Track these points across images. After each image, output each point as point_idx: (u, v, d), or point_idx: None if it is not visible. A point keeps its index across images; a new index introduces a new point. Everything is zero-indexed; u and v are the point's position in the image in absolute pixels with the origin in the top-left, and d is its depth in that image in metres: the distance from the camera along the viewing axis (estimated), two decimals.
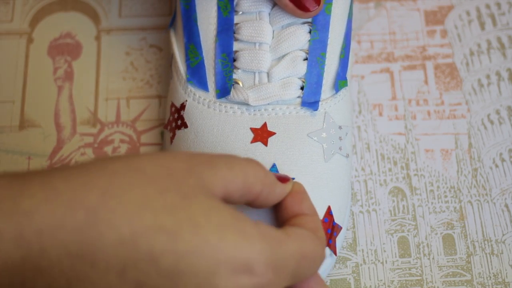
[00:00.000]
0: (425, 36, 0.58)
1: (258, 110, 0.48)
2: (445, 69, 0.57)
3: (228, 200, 0.38)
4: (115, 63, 0.57)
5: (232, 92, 0.48)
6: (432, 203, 0.51)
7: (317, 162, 0.47)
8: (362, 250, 0.50)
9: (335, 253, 0.46)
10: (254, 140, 0.47)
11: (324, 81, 0.48)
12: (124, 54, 0.58)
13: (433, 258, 0.50)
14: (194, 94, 0.49)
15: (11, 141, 0.54)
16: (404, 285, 0.49)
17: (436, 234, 0.50)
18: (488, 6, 0.59)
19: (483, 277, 0.49)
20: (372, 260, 0.50)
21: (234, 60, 0.49)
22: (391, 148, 0.54)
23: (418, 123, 0.54)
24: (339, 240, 0.47)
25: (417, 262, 0.49)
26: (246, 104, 0.48)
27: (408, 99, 0.55)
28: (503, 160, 0.53)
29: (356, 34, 0.58)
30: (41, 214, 0.34)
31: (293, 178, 0.45)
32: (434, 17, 0.59)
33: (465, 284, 0.49)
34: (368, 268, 0.49)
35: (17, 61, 0.57)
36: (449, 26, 0.58)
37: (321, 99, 0.48)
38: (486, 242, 0.50)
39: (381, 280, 0.49)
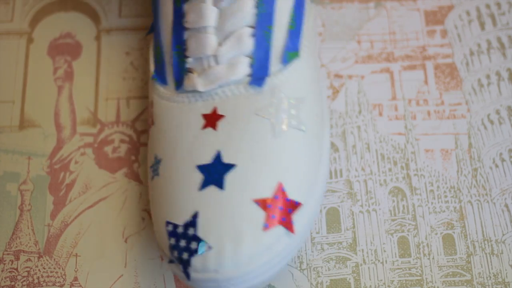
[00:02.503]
0: (425, 36, 0.58)
1: (210, 95, 0.47)
2: (445, 69, 0.57)
3: None
4: (115, 63, 0.57)
5: (185, 81, 0.47)
6: (432, 203, 0.51)
7: (265, 138, 0.45)
8: (362, 250, 0.50)
9: (292, 231, 0.44)
10: (205, 126, 0.46)
11: (272, 55, 0.47)
12: (124, 54, 0.58)
13: (433, 258, 0.50)
14: (158, 90, 0.49)
15: (11, 141, 0.54)
16: (404, 285, 0.49)
17: (436, 234, 0.50)
18: (488, 6, 0.59)
19: (483, 277, 0.49)
20: (372, 260, 0.50)
21: (186, 49, 0.48)
22: (391, 148, 0.54)
23: (418, 123, 0.54)
24: (301, 217, 0.45)
25: (417, 262, 0.50)
26: (199, 91, 0.47)
27: (408, 99, 0.55)
28: (503, 160, 0.53)
29: (356, 34, 0.58)
30: None
31: (234, 165, 0.44)
32: (434, 17, 0.59)
33: (465, 284, 0.49)
34: (368, 268, 0.49)
35: (17, 61, 0.57)
36: (449, 26, 0.58)
37: (270, 74, 0.47)
38: (486, 242, 0.50)
39: (381, 280, 0.49)
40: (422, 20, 0.59)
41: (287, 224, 0.44)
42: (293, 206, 0.45)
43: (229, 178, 0.44)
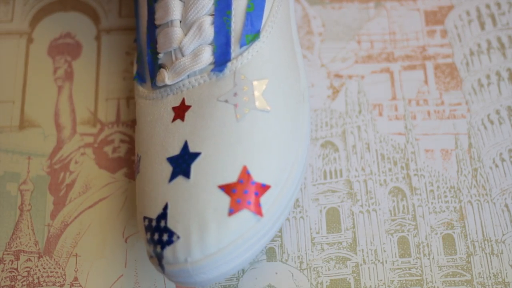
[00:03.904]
0: (425, 36, 0.58)
1: (179, 88, 0.47)
2: (445, 69, 0.57)
3: None
4: (115, 63, 0.57)
5: (157, 77, 0.48)
6: (432, 203, 0.51)
7: (229, 123, 0.45)
8: (362, 250, 0.50)
9: (260, 214, 0.44)
10: (174, 119, 0.47)
11: (232, 40, 0.47)
12: (124, 54, 0.58)
13: (433, 258, 0.50)
14: (138, 90, 0.50)
15: (11, 141, 0.54)
16: (404, 285, 0.49)
17: (436, 234, 0.50)
18: (488, 6, 0.59)
19: (483, 277, 0.49)
20: (372, 260, 0.50)
21: (157, 45, 0.48)
22: (391, 148, 0.54)
23: (418, 123, 0.54)
24: (271, 199, 0.45)
25: (417, 262, 0.50)
26: (169, 85, 0.47)
27: (408, 99, 0.55)
28: (503, 160, 0.53)
29: (356, 34, 0.58)
30: None
31: (200, 153, 0.44)
32: (434, 17, 0.59)
33: (465, 284, 0.49)
34: (368, 268, 0.49)
35: (17, 61, 0.57)
36: (449, 26, 0.58)
37: (231, 58, 0.47)
38: (486, 242, 0.50)
39: (381, 280, 0.49)
40: (422, 20, 0.59)
41: (254, 208, 0.44)
42: (260, 188, 0.44)
43: (195, 166, 0.44)
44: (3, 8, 0.60)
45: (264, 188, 0.44)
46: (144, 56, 0.50)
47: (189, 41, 0.47)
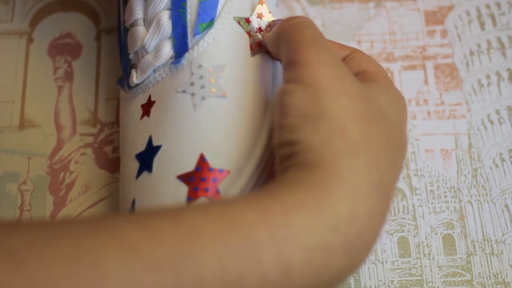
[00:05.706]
0: (425, 36, 0.58)
1: (146, 85, 0.48)
2: (445, 69, 0.57)
3: None
4: (115, 63, 0.57)
5: (129, 78, 0.48)
6: (432, 203, 0.51)
7: (187, 113, 0.45)
8: None
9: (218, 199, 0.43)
10: (142, 116, 0.47)
11: (189, 31, 0.47)
12: None
13: (433, 258, 0.50)
14: (121, 93, 0.50)
15: (11, 141, 0.54)
16: (404, 285, 0.49)
17: (436, 234, 0.50)
18: (488, 6, 0.59)
19: (483, 277, 0.49)
20: (372, 260, 0.50)
21: (127, 47, 0.49)
22: None
23: (418, 123, 0.54)
24: (231, 184, 0.44)
25: (417, 262, 0.50)
26: (139, 84, 0.48)
27: (408, 99, 0.55)
28: (503, 160, 0.53)
29: (356, 34, 0.58)
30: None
31: (161, 146, 0.44)
32: (434, 17, 0.59)
33: (465, 284, 0.49)
34: (368, 268, 0.49)
35: (17, 61, 0.57)
36: (449, 26, 0.58)
37: (188, 49, 0.47)
38: (486, 242, 0.50)
39: (381, 280, 0.49)
40: (422, 20, 0.59)
41: (212, 194, 0.43)
42: (218, 175, 0.44)
43: (157, 160, 0.45)
44: (3, 8, 0.60)
45: (222, 173, 0.44)
46: (122, 59, 0.50)
47: (150, 38, 0.47)
